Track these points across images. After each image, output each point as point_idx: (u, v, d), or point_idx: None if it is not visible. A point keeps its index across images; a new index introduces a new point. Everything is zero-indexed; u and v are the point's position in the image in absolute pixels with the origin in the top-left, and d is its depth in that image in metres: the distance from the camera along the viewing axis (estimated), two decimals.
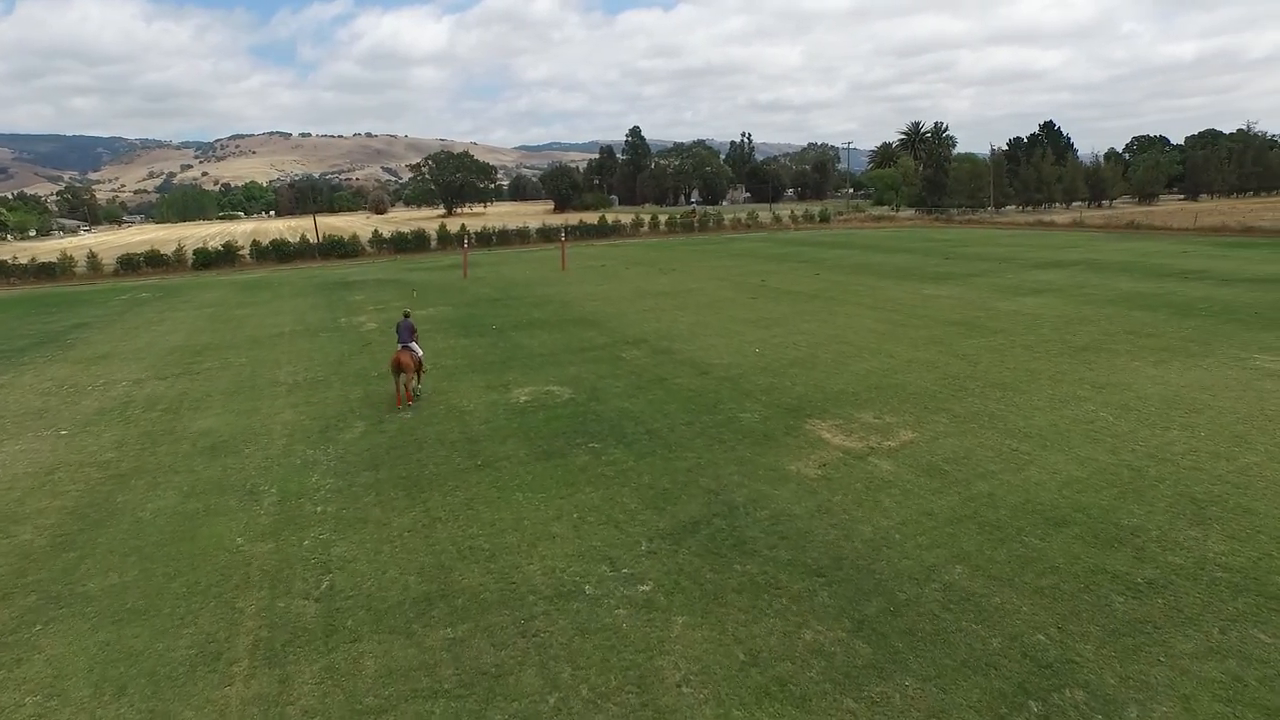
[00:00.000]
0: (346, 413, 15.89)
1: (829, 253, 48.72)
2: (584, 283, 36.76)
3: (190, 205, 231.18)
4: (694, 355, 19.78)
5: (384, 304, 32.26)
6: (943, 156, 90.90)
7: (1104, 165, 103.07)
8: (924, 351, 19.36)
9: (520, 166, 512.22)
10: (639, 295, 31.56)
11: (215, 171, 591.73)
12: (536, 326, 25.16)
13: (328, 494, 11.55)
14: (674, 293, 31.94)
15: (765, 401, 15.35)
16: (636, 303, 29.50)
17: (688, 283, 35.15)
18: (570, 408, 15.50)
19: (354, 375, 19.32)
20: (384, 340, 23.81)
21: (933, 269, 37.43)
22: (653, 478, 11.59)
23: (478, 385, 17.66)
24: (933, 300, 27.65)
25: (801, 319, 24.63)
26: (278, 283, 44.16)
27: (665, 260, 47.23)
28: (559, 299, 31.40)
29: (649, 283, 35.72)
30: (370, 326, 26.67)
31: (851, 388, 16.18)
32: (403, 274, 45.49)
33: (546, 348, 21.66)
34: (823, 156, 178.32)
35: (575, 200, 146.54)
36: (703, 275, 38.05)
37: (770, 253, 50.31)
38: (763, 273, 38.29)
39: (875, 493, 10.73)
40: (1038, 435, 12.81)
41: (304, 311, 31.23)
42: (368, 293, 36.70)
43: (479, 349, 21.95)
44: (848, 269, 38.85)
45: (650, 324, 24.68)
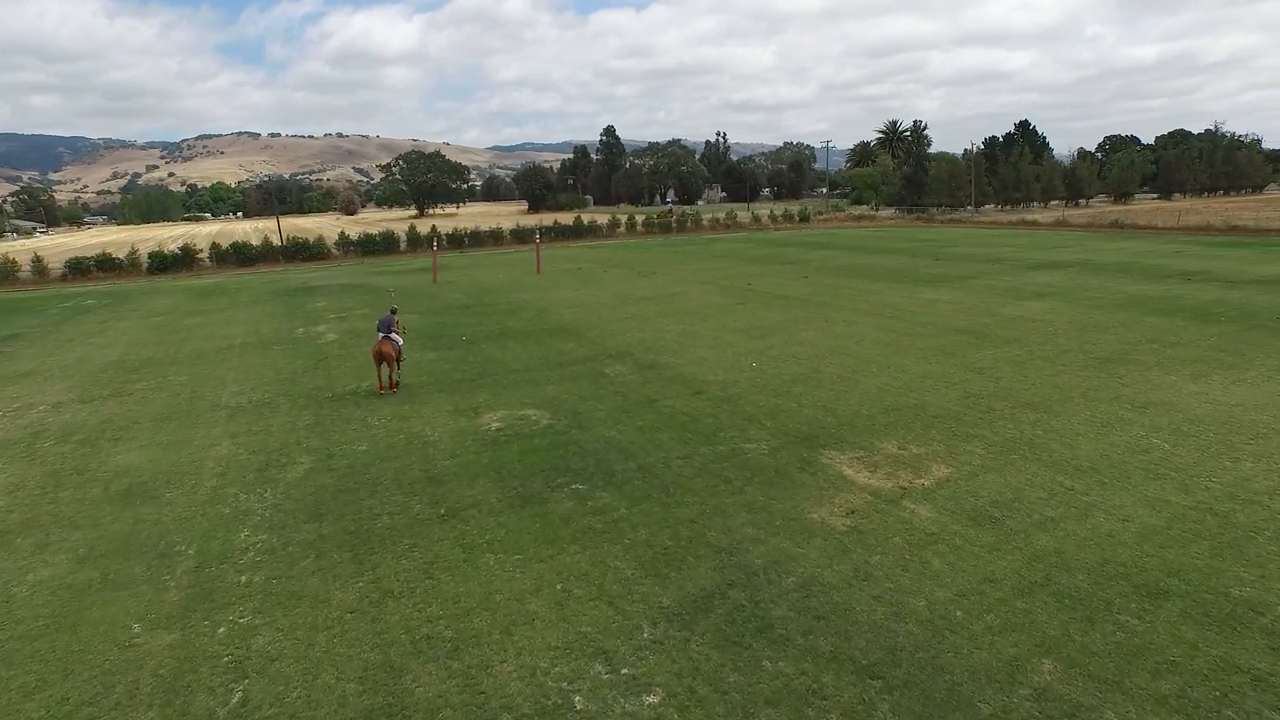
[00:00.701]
0: (292, 445, 13.80)
1: (814, 254, 47.19)
2: (561, 287, 34.78)
3: (154, 207, 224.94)
4: (685, 371, 17.93)
5: (346, 312, 30.03)
6: (922, 155, 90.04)
7: (1080, 164, 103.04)
8: (937, 364, 17.69)
9: (494, 167, 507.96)
10: (620, 301, 29.66)
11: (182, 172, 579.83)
12: (510, 337, 23.14)
13: (257, 556, 9.51)
14: (657, 298, 30.08)
15: (771, 428, 13.52)
16: (618, 310, 27.59)
17: (670, 286, 33.32)
18: (549, 437, 13.55)
19: (306, 396, 17.20)
20: (342, 354, 21.68)
21: (925, 271, 35.97)
22: (650, 531, 9.70)
23: (444, 409, 15.64)
24: (933, 305, 26.08)
25: (797, 327, 22.88)
26: (236, 288, 41.62)
27: (645, 262, 45.38)
28: (534, 305, 29.40)
29: (630, 287, 33.84)
30: (329, 338, 24.47)
31: (866, 409, 14.42)
32: (369, 278, 43.17)
33: (522, 362, 19.68)
34: (799, 156, 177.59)
35: (549, 200, 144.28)
36: (685, 278, 36.25)
37: (753, 254, 48.68)
38: (748, 275, 36.58)
39: (920, 550, 8.94)
40: (1090, 469, 11.12)
41: (259, 321, 28.90)
42: (330, 299, 34.39)
43: (447, 364, 19.90)
44: (836, 271, 37.27)
45: (634, 334, 22.78)
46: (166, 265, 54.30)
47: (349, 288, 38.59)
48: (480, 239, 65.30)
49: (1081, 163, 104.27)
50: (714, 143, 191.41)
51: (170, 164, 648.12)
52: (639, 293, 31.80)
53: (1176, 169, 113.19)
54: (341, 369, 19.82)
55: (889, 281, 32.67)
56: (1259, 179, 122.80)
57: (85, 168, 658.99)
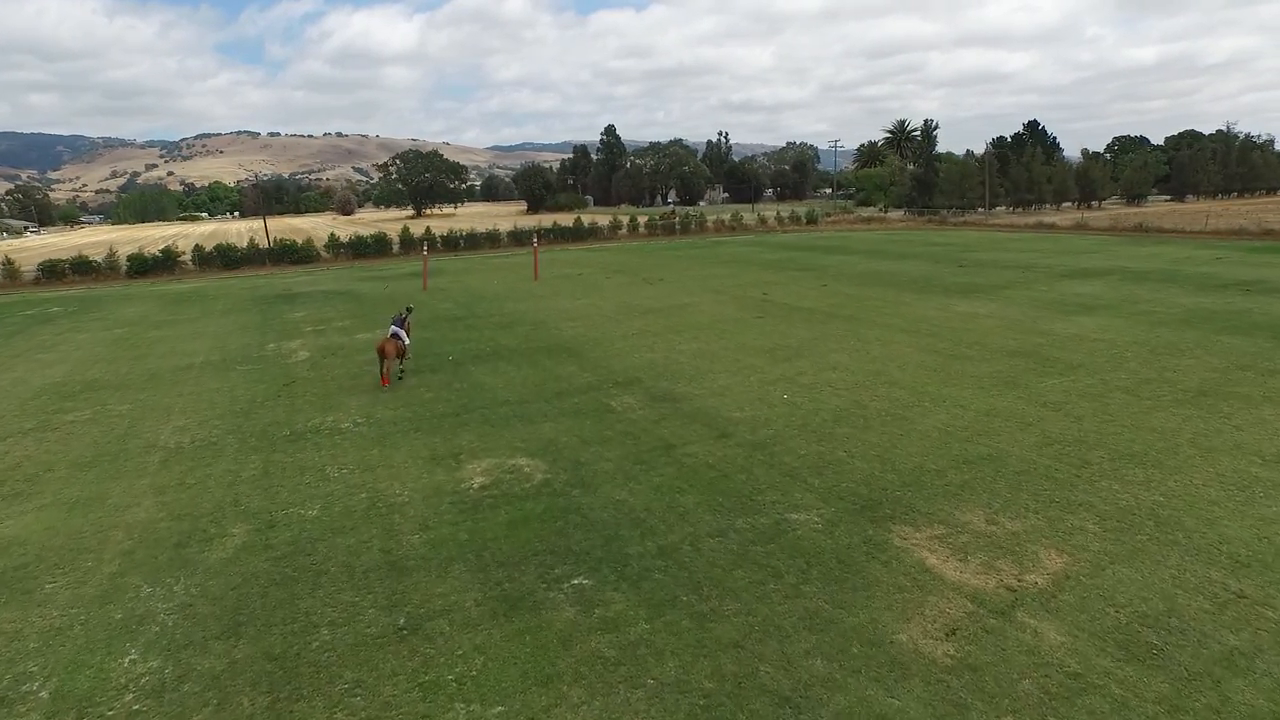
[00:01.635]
0: (228, 506, 11.20)
1: (828, 259, 44.60)
2: (560, 296, 32.17)
3: (149, 206, 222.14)
4: (705, 404, 15.33)
5: (324, 324, 27.42)
6: (932, 156, 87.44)
7: (1093, 165, 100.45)
8: (999, 397, 15.09)
9: (493, 167, 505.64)
10: (624, 313, 27.05)
11: (181, 171, 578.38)
12: (503, 358, 20.53)
13: (137, 701, 6.91)
14: (665, 309, 27.48)
15: (820, 489, 10.93)
16: (623, 323, 24.97)
17: (679, 296, 30.72)
18: (545, 499, 10.95)
19: (259, 434, 14.60)
20: (311, 378, 19.08)
21: (952, 279, 33.37)
22: (681, 664, 7.10)
23: (420, 455, 13.03)
24: (972, 320, 23.48)
25: (827, 347, 20.28)
26: (214, 294, 39.02)
27: (649, 267, 42.78)
28: (531, 318, 26.79)
29: (634, 296, 31.23)
30: (300, 356, 21.84)
31: (932, 461, 11.82)
32: (355, 284, 40.56)
33: (514, 391, 17.07)
34: (802, 156, 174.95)
35: (549, 201, 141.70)
36: (694, 286, 33.65)
37: (763, 259, 46.08)
38: (762, 283, 33.98)
39: (1066, 706, 6.34)
40: (1252, 561, 8.53)
41: (229, 334, 26.29)
42: (311, 308, 31.78)
43: (429, 391, 17.29)
44: (857, 279, 34.67)
45: (643, 354, 20.17)
46: (147, 269, 51.67)
47: (332, 295, 35.96)
48: (476, 241, 62.74)
49: (1094, 163, 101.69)
50: (715, 143, 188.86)
51: (170, 163, 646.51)
52: (645, 303, 29.20)
53: (1190, 170, 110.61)
54: (308, 397, 17.21)
55: (916, 291, 30.07)
56: (1274, 180, 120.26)
57: (84, 167, 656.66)
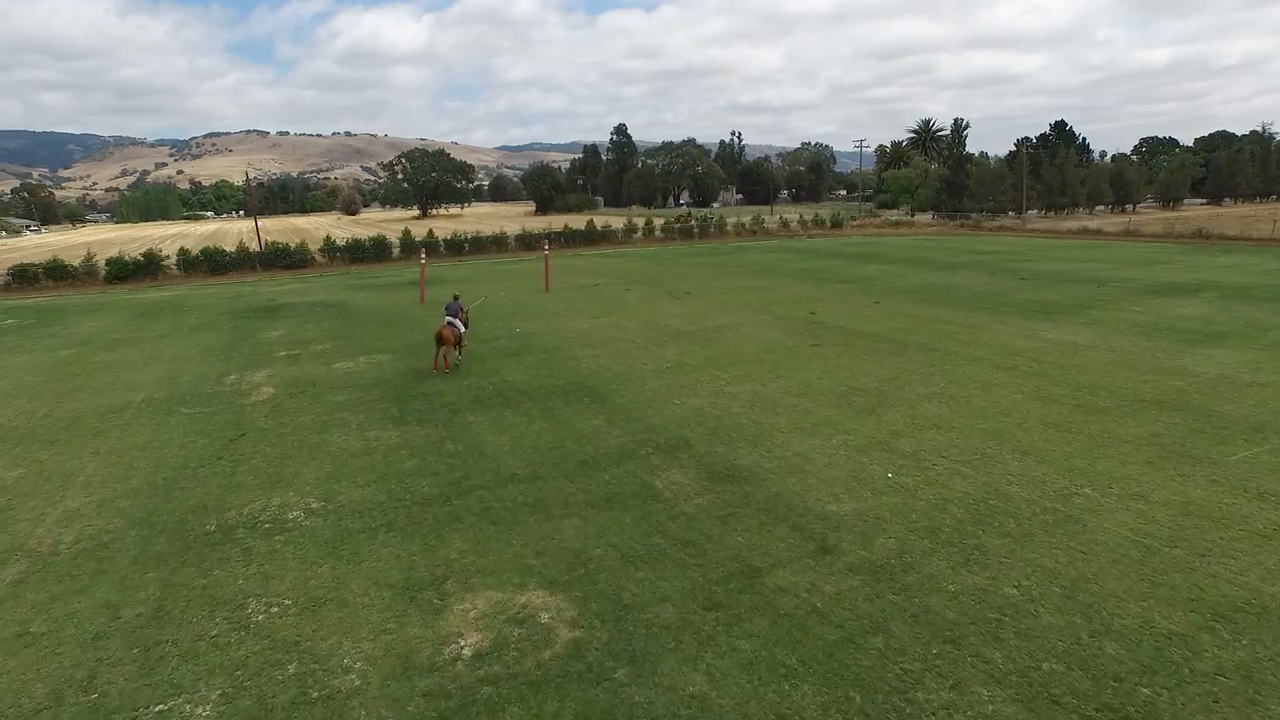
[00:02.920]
0: (70, 692, 7.21)
1: (868, 269, 40.46)
2: (575, 312, 28.15)
3: (152, 205, 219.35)
4: (784, 487, 11.28)
5: (302, 347, 23.47)
6: (963, 157, 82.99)
7: (1128, 167, 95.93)
8: (1185, 480, 10.99)
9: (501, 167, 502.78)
10: (653, 337, 23.01)
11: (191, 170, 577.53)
12: (510, 401, 16.50)
13: None
14: (700, 332, 23.43)
15: (1010, 676, 6.83)
16: (653, 352, 20.92)
17: (713, 314, 26.67)
18: (574, 692, 6.90)
19: (173, 530, 10.62)
20: (268, 429, 15.12)
21: (1021, 296, 29.22)
22: None
23: (388, 582, 9.01)
24: (1075, 353, 19.35)
25: (913, 390, 16.18)
26: (191, 305, 35.16)
27: (671, 277, 38.73)
28: (543, 343, 22.77)
29: (660, 313, 27.18)
30: (262, 394, 17.87)
31: (1160, 613, 7.72)
32: (347, 293, 36.62)
33: (524, 457, 13.05)
34: (818, 157, 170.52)
35: (558, 201, 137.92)
36: (727, 302, 29.58)
37: (796, 268, 41.96)
38: (803, 299, 29.90)
39: None
40: None
41: (189, 359, 22.36)
42: (291, 325, 27.85)
43: (411, 459, 13.26)
44: (910, 294, 30.54)
45: (684, 399, 16.12)
46: (127, 274, 47.95)
47: (319, 308, 32.01)
48: (482, 245, 58.81)
49: (1128, 165, 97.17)
50: (728, 143, 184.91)
51: (179, 161, 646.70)
52: (675, 323, 25.14)
53: (1228, 172, 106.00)
54: (255, 462, 13.22)
55: (987, 311, 25.94)
56: None
57: (95, 165, 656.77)
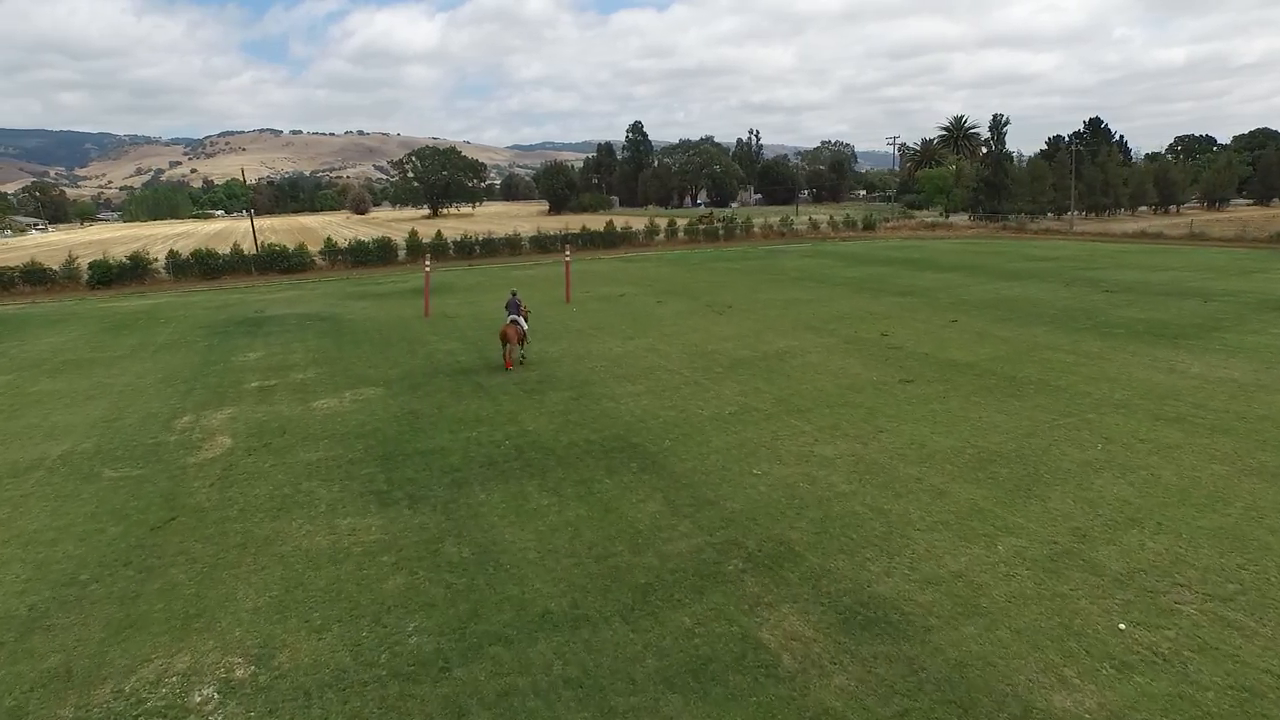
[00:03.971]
0: None
1: (923, 278, 36.25)
2: (602, 332, 24.15)
3: (162, 203, 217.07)
4: (967, 649, 7.21)
5: (281, 374, 19.57)
6: (1002, 155, 78.47)
7: (1172, 166, 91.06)
8: None
9: (513, 166, 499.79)
10: (703, 367, 18.95)
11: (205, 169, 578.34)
12: (531, 467, 12.48)
13: None
14: (760, 361, 19.35)
15: None
16: (708, 390, 16.86)
17: (768, 335, 22.58)
18: None
19: None
20: (207, 511, 11.19)
21: (1120, 313, 24.98)
22: None
23: None
24: (1248, 396, 15.15)
25: (1069, 458, 12.04)
26: (169, 316, 31.40)
27: (705, 285, 34.67)
28: (568, 373, 18.76)
29: (705, 334, 23.13)
30: (216, 448, 13.94)
31: None
32: (344, 303, 32.77)
33: (558, 573, 9.01)
34: (839, 156, 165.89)
35: (572, 201, 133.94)
36: (778, 318, 25.49)
37: (841, 276, 37.80)
38: (865, 315, 25.78)
39: None
40: None
41: (138, 394, 18.52)
42: (274, 343, 23.98)
43: (391, 579, 9.24)
44: (985, 310, 26.35)
45: (767, 467, 12.06)
46: (111, 278, 44.35)
47: (309, 322, 28.14)
48: (494, 247, 54.94)
49: (1173, 164, 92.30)
50: (745, 141, 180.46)
51: (193, 160, 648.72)
52: (725, 347, 21.07)
53: (1277, 172, 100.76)
54: (175, 576, 9.25)
55: (1095, 334, 21.73)
56: None
57: (111, 164, 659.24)
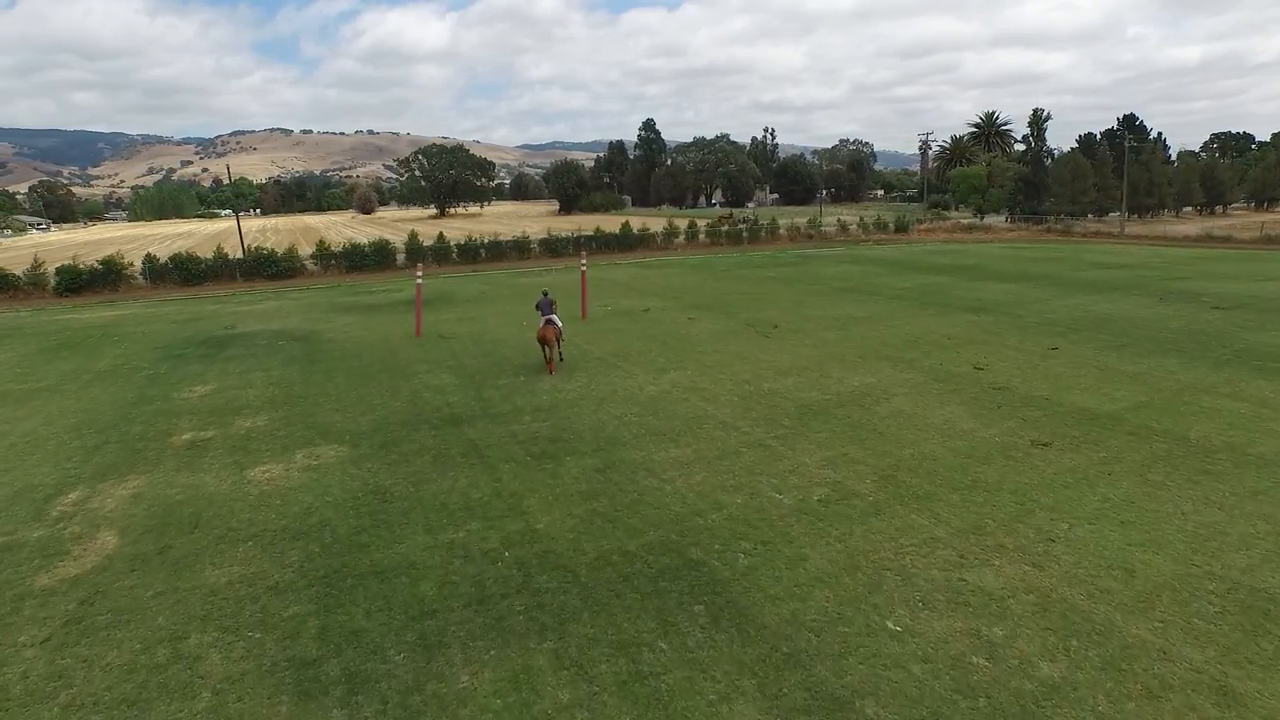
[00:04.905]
0: None
1: (987, 289, 31.73)
2: (629, 361, 19.77)
3: (166, 203, 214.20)
4: None
5: (224, 422, 15.31)
6: (1042, 152, 73.68)
7: (1219, 165, 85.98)
8: None
9: (523, 165, 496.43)
10: (765, 417, 14.54)
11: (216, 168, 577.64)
12: (541, 610, 8.09)
13: None
14: (836, 407, 14.93)
15: None
16: (779, 456, 12.45)
17: (835, 368, 18.16)
18: None
19: None
20: (30, 684, 6.87)
21: (1266, 340, 20.44)
22: None
23: None
24: None
25: None
26: (124, 333, 27.27)
27: (739, 297, 30.26)
28: (590, 426, 14.39)
29: (756, 364, 18.72)
30: (94, 553, 9.66)
31: None
32: (328, 318, 28.54)
33: None
34: (857, 155, 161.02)
35: (583, 200, 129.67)
36: (841, 343, 21.06)
37: (893, 286, 33.30)
38: (940, 338, 21.32)
39: None
40: None
41: (32, 449, 14.30)
42: (230, 373, 19.74)
43: None
44: (1084, 332, 21.83)
45: (910, 622, 7.66)
46: (81, 285, 40.40)
47: (281, 343, 23.89)
48: (500, 250, 50.69)
49: (1220, 163, 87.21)
50: (761, 140, 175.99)
51: (204, 160, 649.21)
52: (786, 386, 16.64)
53: None
54: None
55: (1256, 372, 17.22)
56: None
57: (123, 163, 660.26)
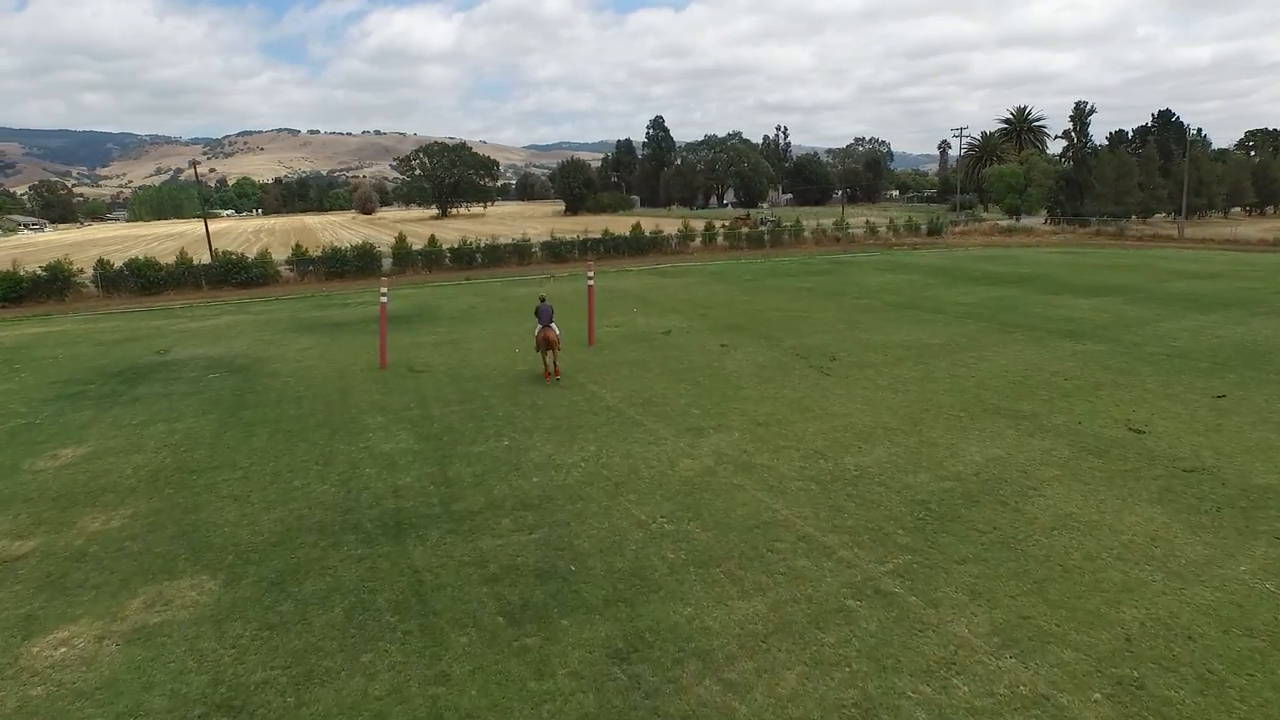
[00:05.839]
0: None
1: (1070, 306, 26.53)
2: (650, 414, 14.66)
3: (165, 203, 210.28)
4: None
5: (57, 523, 10.32)
6: (1086, 150, 68.25)
7: (1273, 162, 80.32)
8: None
9: (529, 165, 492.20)
10: (867, 527, 9.45)
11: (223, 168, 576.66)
12: None
13: None
14: (968, 506, 9.83)
15: None
16: (921, 629, 7.41)
17: (934, 426, 13.04)
18: None
19: None
20: None
21: None
22: None
23: None
24: None
25: None
26: (32, 357, 22.34)
27: (777, 315, 25.15)
28: (599, 545, 9.32)
29: (826, 421, 13.61)
30: None
31: None
32: (283, 340, 23.54)
33: None
34: (873, 154, 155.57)
35: (589, 200, 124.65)
36: (923, 384, 15.94)
37: (956, 301, 28.12)
38: (1057, 379, 16.19)
39: None
40: None
41: None
42: (125, 424, 14.74)
43: None
44: (1244, 370, 16.66)
45: None
46: (22, 294, 35.62)
47: (215, 374, 18.86)
48: (498, 255, 45.64)
49: (1274, 160, 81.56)
50: (772, 139, 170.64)
51: (212, 160, 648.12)
52: (879, 459, 11.53)
53: None
54: None
55: None
56: None
57: (131, 163, 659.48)
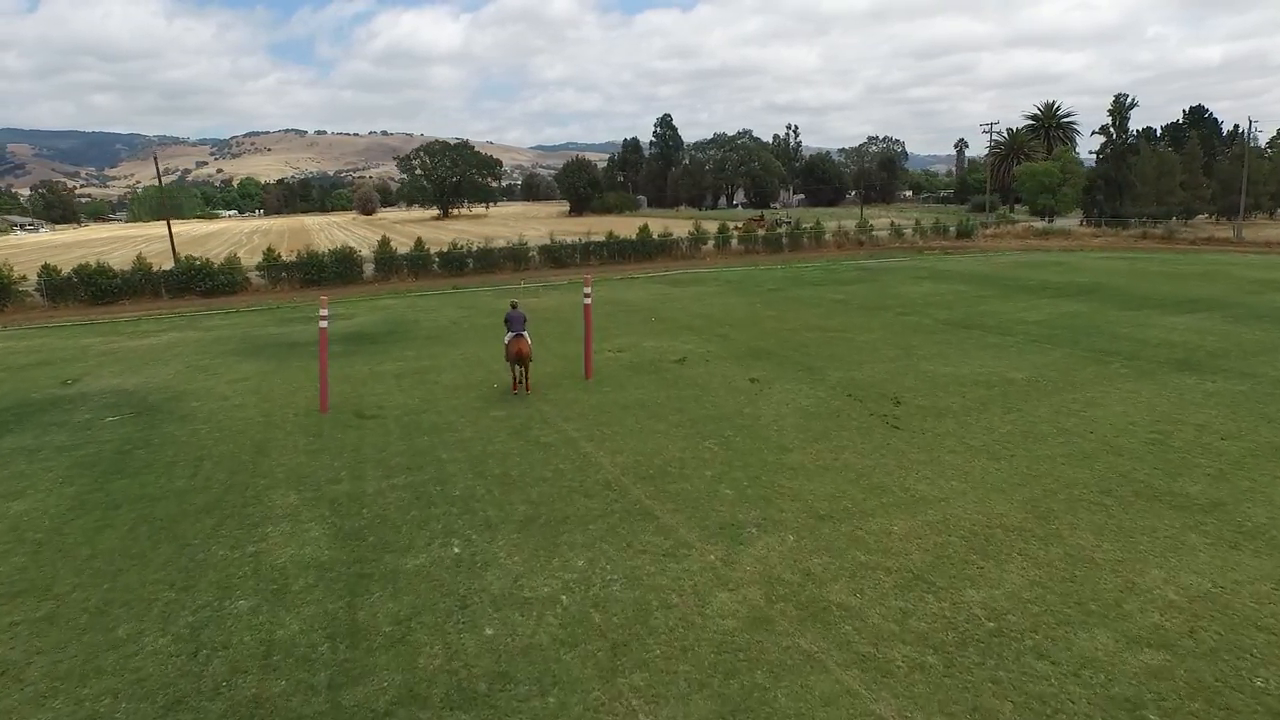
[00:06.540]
0: None
1: (1156, 323, 22.36)
2: (664, 495, 10.64)
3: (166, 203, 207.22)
4: None
5: None
6: (1126, 147, 63.87)
7: None
8: None
9: (536, 166, 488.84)
10: None
11: (230, 169, 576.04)
12: None
13: None
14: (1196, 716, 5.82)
15: None
16: None
17: (1071, 525, 8.95)
18: None
19: None
20: None
21: None
22: None
23: None
24: None
25: None
26: None
27: (813, 337, 21.08)
28: None
29: (918, 519, 9.54)
30: None
31: None
32: (223, 365, 19.60)
33: None
34: (888, 153, 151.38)
35: (595, 201, 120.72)
36: (1022, 441, 11.86)
37: (1022, 319, 23.96)
38: (1220, 443, 12.11)
39: None
40: None
41: None
42: None
43: None
44: None
45: None
46: None
47: (110, 417, 14.89)
48: (491, 260, 41.68)
49: None
50: (783, 138, 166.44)
51: (219, 160, 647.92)
52: (1013, 585, 7.40)
53: None
54: None
55: None
56: None
57: (140, 164, 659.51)
